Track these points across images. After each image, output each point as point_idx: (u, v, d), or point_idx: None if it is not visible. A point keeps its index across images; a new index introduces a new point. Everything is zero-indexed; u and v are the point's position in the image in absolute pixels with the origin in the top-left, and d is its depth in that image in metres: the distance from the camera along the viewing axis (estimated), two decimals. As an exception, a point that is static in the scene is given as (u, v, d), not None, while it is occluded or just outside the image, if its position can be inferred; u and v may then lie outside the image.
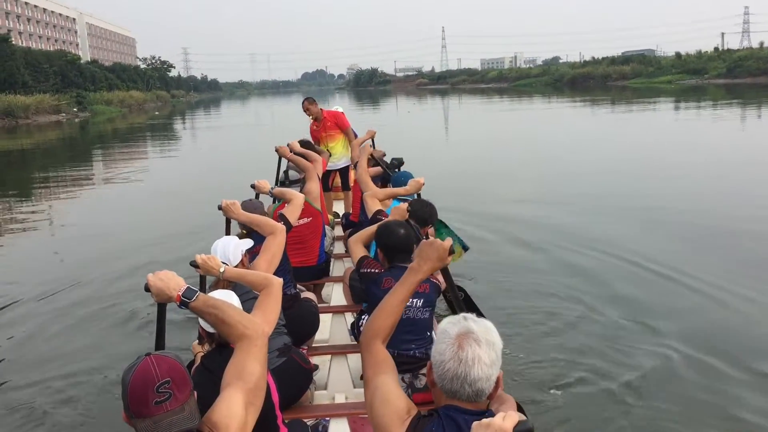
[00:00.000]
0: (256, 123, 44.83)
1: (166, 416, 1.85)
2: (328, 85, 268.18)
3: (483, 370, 1.82)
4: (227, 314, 2.20)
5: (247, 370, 2.12)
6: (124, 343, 5.79)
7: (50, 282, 7.72)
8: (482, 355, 1.83)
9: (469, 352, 1.82)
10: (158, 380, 1.85)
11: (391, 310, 2.21)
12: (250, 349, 2.16)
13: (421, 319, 3.57)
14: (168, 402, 1.85)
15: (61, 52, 75.97)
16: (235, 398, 2.03)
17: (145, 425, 1.84)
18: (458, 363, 1.82)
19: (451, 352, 1.84)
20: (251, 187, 5.02)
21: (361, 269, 3.80)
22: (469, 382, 1.82)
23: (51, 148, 31.45)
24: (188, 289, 2.23)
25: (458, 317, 1.93)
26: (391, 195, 5.18)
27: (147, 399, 1.83)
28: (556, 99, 55.14)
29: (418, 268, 2.25)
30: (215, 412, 1.99)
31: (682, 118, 30.25)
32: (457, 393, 1.85)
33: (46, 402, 4.78)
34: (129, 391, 1.85)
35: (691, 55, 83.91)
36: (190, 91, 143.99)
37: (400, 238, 3.66)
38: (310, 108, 8.34)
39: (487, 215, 10.07)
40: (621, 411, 4.28)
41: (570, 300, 6.32)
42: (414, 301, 3.53)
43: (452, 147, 22.20)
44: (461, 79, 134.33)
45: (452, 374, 1.83)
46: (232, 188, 7.91)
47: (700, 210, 10.09)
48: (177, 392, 1.87)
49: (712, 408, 4.28)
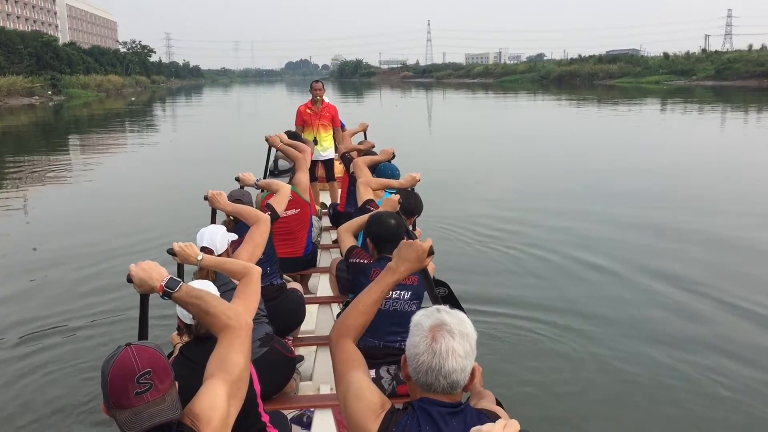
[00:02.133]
0: (239, 111, 44.04)
1: (147, 407, 1.81)
2: (312, 75, 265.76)
3: (457, 362, 1.83)
4: (210, 305, 2.16)
5: (231, 362, 2.07)
6: (104, 335, 5.68)
7: (23, 273, 7.58)
8: (456, 347, 1.83)
9: (443, 344, 1.82)
10: (138, 371, 1.82)
11: (364, 309, 2.17)
12: (234, 340, 2.12)
13: (408, 312, 3.44)
14: (148, 393, 1.82)
15: (36, 33, 73.73)
16: (217, 390, 1.99)
17: (125, 416, 1.81)
18: (432, 355, 1.82)
19: (424, 344, 1.84)
20: (236, 180, 4.90)
21: (349, 259, 3.75)
22: (444, 374, 1.82)
23: (23, 132, 30.30)
24: (171, 280, 2.20)
25: (431, 309, 1.91)
26: (385, 186, 5.15)
27: (127, 390, 1.80)
28: (544, 96, 54.43)
29: (396, 269, 2.21)
30: (197, 404, 1.95)
31: (672, 119, 29.86)
32: (432, 386, 1.85)
33: (23, 392, 4.76)
34: (109, 382, 1.82)
35: (679, 55, 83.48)
36: (171, 77, 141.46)
37: (390, 228, 3.62)
38: (322, 90, 8.36)
39: (470, 213, 10.15)
40: (601, 409, 4.45)
41: (557, 298, 6.45)
42: (402, 293, 3.51)
43: (443, 142, 21.45)
44: (447, 73, 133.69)
45: (426, 367, 1.83)
46: (216, 178, 7.85)
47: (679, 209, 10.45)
48: (158, 383, 1.84)
49: (706, 407, 4.43)
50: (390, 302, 3.50)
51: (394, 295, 3.50)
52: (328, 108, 8.43)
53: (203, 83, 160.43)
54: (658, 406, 4.46)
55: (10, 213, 11.58)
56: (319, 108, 8.35)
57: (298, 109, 8.50)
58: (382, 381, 3.46)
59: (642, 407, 4.46)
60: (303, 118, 8.36)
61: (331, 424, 3.47)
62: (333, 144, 8.46)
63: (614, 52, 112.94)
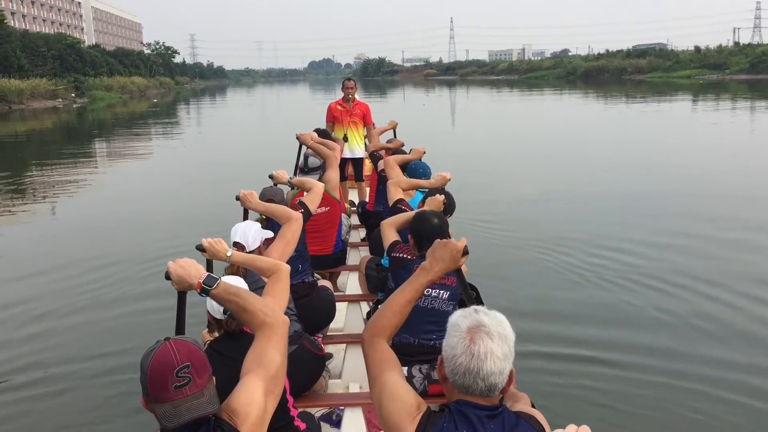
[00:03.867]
0: (263, 111, 43.68)
1: (186, 401, 1.82)
2: (335, 74, 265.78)
3: (496, 364, 1.79)
4: (249, 302, 2.16)
5: (268, 358, 2.08)
6: (141, 332, 5.58)
7: (62, 268, 7.75)
8: (495, 349, 1.79)
9: (481, 346, 1.79)
10: (178, 364, 1.83)
11: (398, 309, 2.15)
12: (271, 337, 2.13)
13: (444, 311, 3.47)
14: (187, 387, 1.83)
15: (60, 35, 73.91)
16: (255, 386, 2.00)
17: (164, 410, 1.81)
18: (470, 357, 1.79)
19: (462, 346, 1.81)
20: (269, 178, 4.93)
21: (392, 253, 3.75)
22: (482, 376, 1.79)
23: (47, 135, 30.10)
24: (209, 277, 2.20)
25: (469, 310, 1.90)
26: (415, 186, 5.11)
27: (167, 383, 1.81)
28: (574, 93, 52.97)
29: (430, 269, 2.19)
30: (235, 399, 1.96)
31: (724, 115, 28.36)
32: (469, 388, 1.81)
33: (62, 387, 4.89)
34: (148, 376, 1.83)
35: (711, 49, 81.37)
36: (195, 78, 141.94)
37: (433, 227, 3.61)
38: (354, 88, 8.33)
39: (502, 212, 10.07)
40: (636, 411, 4.30)
41: (588, 297, 6.40)
42: (441, 293, 3.53)
43: (476, 141, 20.29)
44: (470, 70, 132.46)
45: (464, 369, 1.80)
46: (247, 178, 8.03)
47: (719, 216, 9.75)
48: (196, 377, 1.86)
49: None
50: (428, 300, 3.50)
51: (433, 293, 3.51)
52: (359, 106, 8.34)
53: (227, 84, 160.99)
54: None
55: (40, 215, 11.68)
56: (350, 105, 8.27)
57: (329, 106, 8.43)
58: (414, 380, 3.44)
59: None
60: (333, 114, 8.30)
61: (361, 422, 3.43)
62: (363, 143, 8.41)
63: (641, 47, 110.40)
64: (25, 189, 14.72)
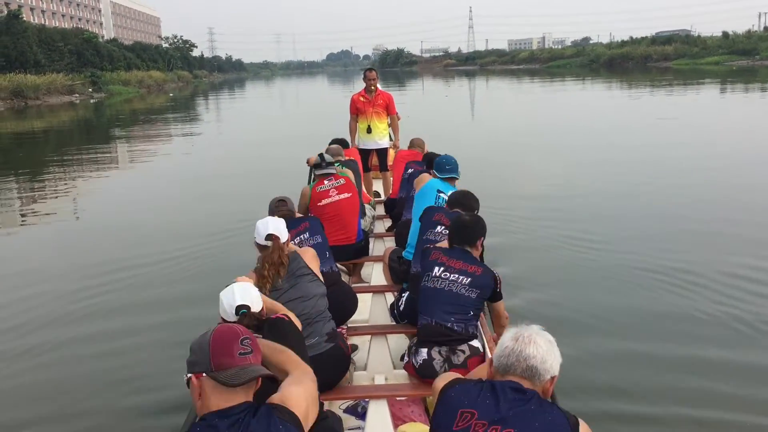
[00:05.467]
0: (282, 104, 42.91)
1: (250, 365, 1.91)
2: (354, 66, 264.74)
3: (537, 350, 2.01)
4: (279, 358, 2.27)
5: (306, 379, 2.18)
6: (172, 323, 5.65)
7: (80, 269, 7.63)
8: (538, 340, 2.04)
9: (526, 334, 2.06)
10: (242, 334, 1.95)
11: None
12: (304, 375, 2.20)
13: (464, 296, 3.57)
14: (251, 356, 1.93)
15: (78, 30, 73.71)
16: (300, 392, 2.06)
17: (231, 372, 1.87)
18: (515, 341, 2.05)
19: (510, 335, 2.08)
20: (306, 163, 5.29)
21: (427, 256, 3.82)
22: (524, 357, 2.00)
23: (64, 131, 29.71)
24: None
25: (521, 326, 2.12)
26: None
27: (232, 349, 1.89)
28: (604, 82, 51.31)
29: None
30: (284, 391, 2.03)
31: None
32: (510, 367, 2.02)
33: (102, 369, 4.91)
34: (211, 345, 1.90)
35: (740, 34, 79.01)
36: (213, 71, 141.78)
37: (463, 222, 3.78)
38: (376, 79, 8.35)
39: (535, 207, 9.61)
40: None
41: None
42: (459, 278, 3.58)
43: (506, 135, 19.23)
44: (491, 60, 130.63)
45: (509, 350, 2.04)
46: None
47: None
48: (256, 351, 1.97)
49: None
50: (446, 282, 3.58)
51: (452, 277, 3.58)
52: (382, 96, 8.36)
53: (245, 77, 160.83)
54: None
55: (58, 215, 11.33)
56: (373, 96, 8.30)
57: (352, 98, 8.49)
58: (434, 362, 3.50)
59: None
60: (356, 106, 8.36)
61: (386, 414, 3.42)
62: (387, 133, 8.49)
63: (665, 34, 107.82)
64: (44, 188, 14.32)
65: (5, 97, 45.37)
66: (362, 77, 8.52)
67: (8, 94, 45.90)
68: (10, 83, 46.31)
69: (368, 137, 8.19)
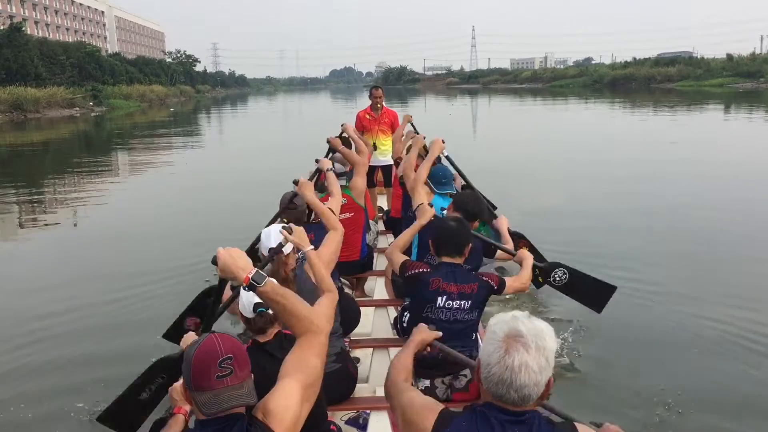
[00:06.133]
0: (286, 120, 42.61)
1: (226, 390, 1.87)
2: (356, 83, 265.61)
3: (530, 377, 1.77)
4: (296, 306, 2.14)
5: (309, 365, 2.10)
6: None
7: (81, 279, 7.75)
8: (530, 362, 1.76)
9: (516, 358, 1.76)
10: (221, 355, 1.89)
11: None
12: (313, 344, 2.13)
13: (467, 321, 3.58)
14: (229, 377, 1.89)
15: (80, 43, 73.70)
16: (293, 391, 2.02)
17: (205, 398, 1.87)
18: (504, 369, 1.77)
19: (497, 356, 1.78)
20: (293, 183, 4.71)
21: (406, 273, 3.74)
22: (515, 388, 1.77)
23: (64, 144, 29.59)
24: (257, 273, 2.15)
25: (508, 316, 1.85)
26: (427, 169, 4.85)
27: (209, 372, 1.87)
28: (609, 102, 50.96)
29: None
30: (272, 401, 1.98)
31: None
32: (502, 397, 1.81)
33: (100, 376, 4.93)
34: (192, 365, 1.89)
35: (744, 57, 78.90)
36: (216, 86, 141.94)
37: (449, 229, 3.67)
38: (382, 96, 8.47)
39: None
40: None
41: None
42: (461, 303, 3.55)
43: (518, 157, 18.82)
44: (493, 78, 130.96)
45: (498, 379, 1.79)
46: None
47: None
48: (238, 369, 1.91)
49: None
50: (447, 312, 3.56)
51: (455, 305, 3.56)
52: (387, 113, 8.53)
53: (248, 92, 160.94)
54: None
55: (57, 226, 11.50)
56: (378, 114, 8.44)
57: (358, 115, 8.57)
58: (436, 390, 3.52)
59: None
60: (362, 123, 8.43)
61: (387, 426, 3.44)
62: (392, 150, 8.41)
63: (666, 55, 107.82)
64: (42, 200, 14.39)
65: (4, 110, 45.23)
66: (368, 95, 8.61)
67: (8, 107, 45.73)
68: (9, 96, 46.22)
69: (374, 154, 8.14)
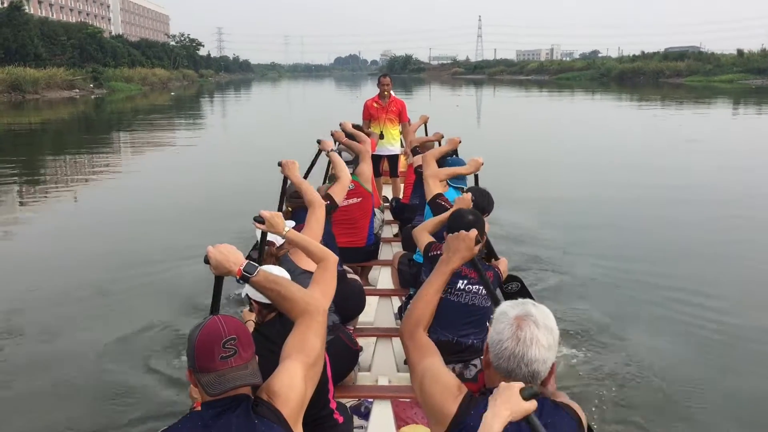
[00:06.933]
0: (289, 110, 41.90)
1: (231, 371, 1.89)
2: (361, 71, 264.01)
3: (540, 352, 1.83)
4: (289, 290, 2.18)
5: (309, 345, 2.11)
6: (176, 316, 5.80)
7: (97, 252, 8.06)
8: (540, 337, 1.83)
9: (528, 332, 1.83)
10: (225, 336, 1.91)
11: (429, 299, 2.25)
12: (311, 324, 2.15)
13: (483, 307, 3.62)
14: (233, 358, 1.90)
15: (82, 24, 72.69)
16: (296, 371, 2.04)
17: (209, 379, 1.88)
18: (516, 342, 1.83)
19: (509, 331, 1.85)
20: (317, 143, 5.14)
21: (429, 253, 3.89)
22: (526, 362, 1.83)
23: (62, 125, 29.31)
24: (248, 264, 2.20)
25: (518, 301, 1.95)
26: (452, 174, 5.09)
27: (213, 353, 1.89)
28: (619, 96, 50.03)
29: (448, 260, 2.32)
30: (276, 381, 2.00)
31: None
32: (512, 372, 1.85)
33: (103, 367, 5.03)
34: (196, 346, 1.91)
35: (755, 52, 77.74)
36: (220, 71, 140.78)
37: (469, 224, 3.57)
38: (390, 85, 8.43)
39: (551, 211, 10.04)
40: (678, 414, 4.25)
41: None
42: (480, 288, 3.60)
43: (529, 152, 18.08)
44: (499, 69, 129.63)
45: (510, 353, 1.84)
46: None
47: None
48: (242, 350, 1.93)
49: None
50: (468, 296, 3.63)
51: (473, 289, 3.63)
52: (395, 102, 8.47)
53: (252, 78, 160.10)
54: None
55: (55, 207, 11.65)
56: (386, 102, 8.38)
57: (365, 103, 8.54)
58: None
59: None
60: (370, 111, 8.41)
61: (389, 414, 3.46)
62: (399, 139, 8.58)
63: (674, 50, 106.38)
64: (40, 179, 14.50)
65: (2, 90, 44.45)
66: (376, 83, 8.58)
67: (6, 87, 44.94)
68: (8, 76, 45.39)
69: (380, 143, 8.08)
